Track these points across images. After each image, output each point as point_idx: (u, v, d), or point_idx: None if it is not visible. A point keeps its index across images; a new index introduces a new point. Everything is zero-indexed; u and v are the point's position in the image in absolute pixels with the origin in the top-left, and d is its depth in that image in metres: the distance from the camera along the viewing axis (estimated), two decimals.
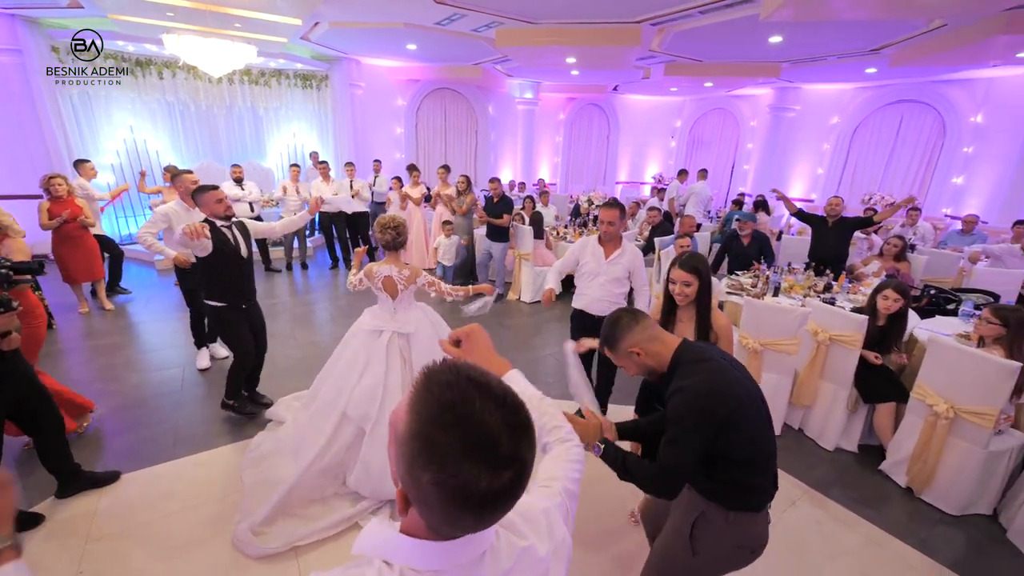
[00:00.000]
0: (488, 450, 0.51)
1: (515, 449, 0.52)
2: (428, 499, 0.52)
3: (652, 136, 12.28)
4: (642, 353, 1.35)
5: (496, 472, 0.51)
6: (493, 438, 0.51)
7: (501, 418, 0.52)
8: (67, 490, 2.45)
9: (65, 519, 2.33)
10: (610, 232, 2.78)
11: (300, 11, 5.32)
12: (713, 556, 1.37)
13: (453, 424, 0.51)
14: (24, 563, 0.72)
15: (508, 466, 0.52)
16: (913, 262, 4.64)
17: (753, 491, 1.32)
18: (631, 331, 1.36)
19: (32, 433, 2.36)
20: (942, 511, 2.60)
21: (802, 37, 5.75)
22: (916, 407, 2.70)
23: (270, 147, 8.60)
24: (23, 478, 2.56)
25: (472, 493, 0.50)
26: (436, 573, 0.57)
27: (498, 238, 5.70)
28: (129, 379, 3.59)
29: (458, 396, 0.52)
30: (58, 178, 4.50)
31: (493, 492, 0.51)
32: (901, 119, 8.23)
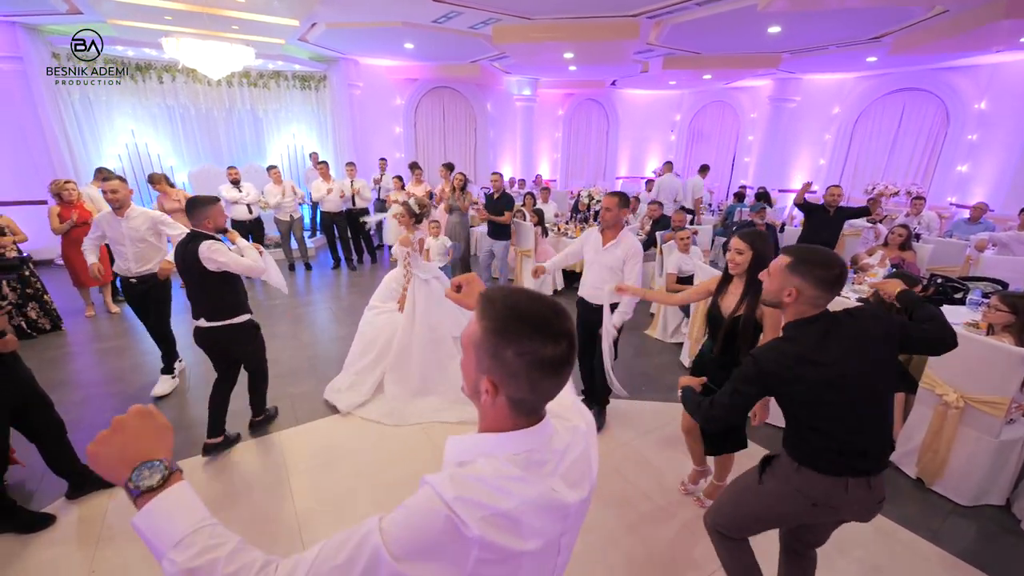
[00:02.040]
0: (546, 327, 0.71)
1: (562, 326, 0.72)
2: (514, 369, 0.71)
3: (652, 130, 12.23)
4: (792, 300, 1.42)
5: (556, 342, 0.71)
6: (547, 319, 0.72)
7: (546, 306, 0.73)
8: (78, 491, 2.46)
9: (76, 520, 2.35)
10: (607, 218, 2.80)
11: (297, 12, 5.31)
12: (776, 490, 1.53)
13: (518, 316, 0.71)
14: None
15: (562, 338, 0.72)
16: (919, 251, 4.61)
17: (821, 454, 1.43)
18: (813, 284, 1.38)
19: (32, 438, 2.36)
20: (954, 502, 2.58)
21: (801, 26, 5.71)
22: (925, 397, 2.67)
23: (270, 149, 8.61)
24: (35, 479, 2.57)
25: (543, 358, 0.70)
26: (529, 452, 0.74)
27: (499, 236, 5.68)
28: (135, 381, 3.60)
29: (514, 299, 0.73)
30: (71, 183, 4.60)
31: (556, 357, 0.71)
32: (903, 108, 8.16)
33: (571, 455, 0.79)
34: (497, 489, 0.70)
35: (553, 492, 0.74)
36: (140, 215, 3.29)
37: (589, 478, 0.82)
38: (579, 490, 0.78)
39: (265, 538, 2.28)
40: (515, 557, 0.69)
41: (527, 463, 0.74)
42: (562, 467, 0.77)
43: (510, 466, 0.72)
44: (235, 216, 6.17)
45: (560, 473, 0.76)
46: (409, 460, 2.84)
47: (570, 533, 0.81)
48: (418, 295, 3.41)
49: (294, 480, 2.65)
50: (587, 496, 0.81)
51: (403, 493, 0.76)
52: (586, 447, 0.83)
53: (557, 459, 0.77)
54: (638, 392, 3.59)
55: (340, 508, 2.47)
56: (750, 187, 9.39)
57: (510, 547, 0.68)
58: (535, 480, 0.73)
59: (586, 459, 0.82)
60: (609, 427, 3.20)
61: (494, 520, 0.67)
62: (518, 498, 0.70)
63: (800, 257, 1.40)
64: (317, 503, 2.49)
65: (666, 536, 2.35)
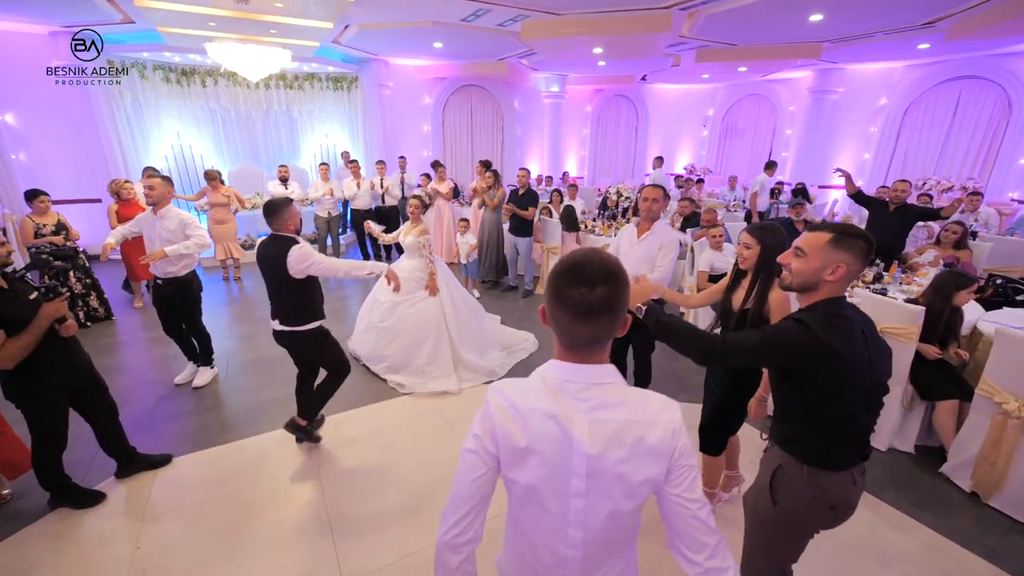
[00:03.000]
0: (577, 275, 0.83)
1: (594, 279, 0.82)
2: (552, 311, 0.87)
3: (683, 126, 11.91)
4: (835, 278, 1.33)
5: (579, 287, 0.82)
6: (581, 271, 0.83)
7: (585, 258, 0.85)
8: (125, 471, 2.62)
9: (124, 498, 2.49)
10: (654, 210, 2.76)
11: (331, 15, 5.45)
12: (793, 507, 1.42)
13: (562, 268, 0.86)
14: None
15: (591, 286, 0.82)
16: (975, 250, 4.30)
17: (831, 447, 1.37)
18: (856, 256, 1.32)
19: (88, 418, 2.51)
20: (1013, 518, 2.39)
21: (846, 13, 5.40)
22: (982, 405, 2.49)
23: (304, 148, 8.90)
24: (88, 459, 2.75)
25: (565, 296, 0.83)
26: (565, 381, 0.89)
27: (522, 232, 5.66)
28: (179, 370, 3.79)
29: (570, 256, 0.88)
30: (129, 183, 4.89)
31: (577, 300, 0.82)
32: (959, 97, 7.62)
33: (605, 415, 0.88)
34: (521, 390, 0.91)
35: (565, 418, 0.87)
36: (173, 216, 3.34)
37: (625, 450, 0.87)
38: (596, 445, 0.86)
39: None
40: (521, 455, 0.89)
41: (557, 386, 0.89)
42: (590, 413, 0.87)
43: (540, 382, 0.91)
44: None
45: (583, 411, 0.87)
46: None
47: (587, 500, 0.89)
48: (443, 277, 3.91)
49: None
50: (620, 461, 0.87)
51: None
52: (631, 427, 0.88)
53: (587, 403, 0.88)
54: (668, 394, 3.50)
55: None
56: (787, 183, 9.01)
57: (512, 437, 0.88)
58: (553, 400, 0.88)
59: (626, 433, 0.87)
60: None
61: (506, 409, 0.90)
62: (532, 403, 0.89)
63: (839, 231, 1.34)
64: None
65: None
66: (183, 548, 2.20)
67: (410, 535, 2.26)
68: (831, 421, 1.34)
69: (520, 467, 0.89)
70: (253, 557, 2.16)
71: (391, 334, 3.77)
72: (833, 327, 1.29)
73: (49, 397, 2.23)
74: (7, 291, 2.09)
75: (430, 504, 2.46)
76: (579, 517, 0.90)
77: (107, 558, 2.14)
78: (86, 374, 2.43)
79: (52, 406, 2.25)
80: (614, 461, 0.86)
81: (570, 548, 0.92)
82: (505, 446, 0.89)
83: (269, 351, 4.22)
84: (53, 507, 2.39)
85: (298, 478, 2.66)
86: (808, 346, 1.28)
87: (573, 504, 0.89)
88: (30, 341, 2.07)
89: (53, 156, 6.65)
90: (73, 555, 2.16)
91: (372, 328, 3.89)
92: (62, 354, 2.27)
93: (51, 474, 2.34)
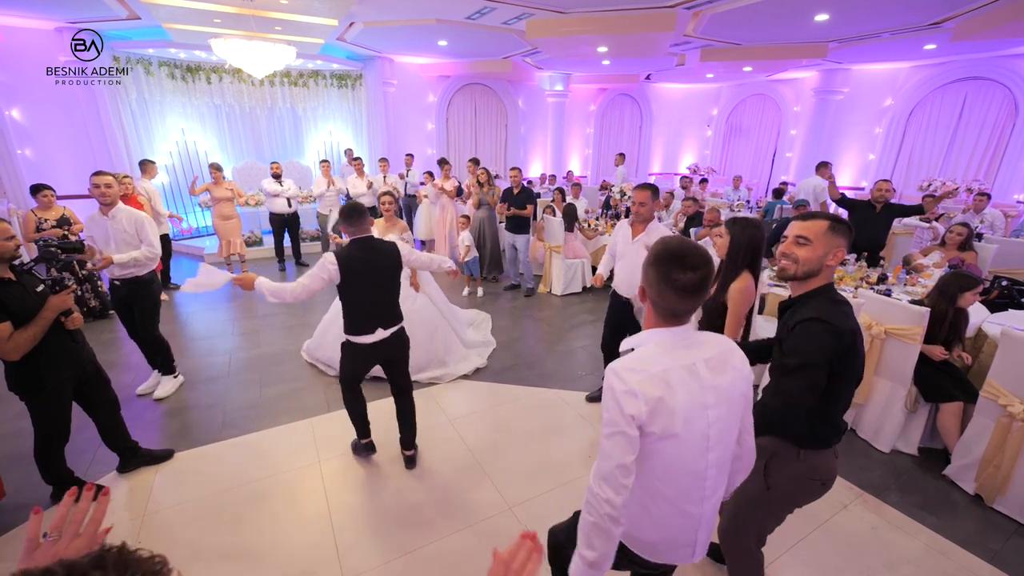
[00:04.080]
0: (681, 262, 1.05)
1: (693, 261, 1.04)
2: (659, 289, 1.08)
3: (687, 125, 11.88)
4: (835, 261, 1.40)
5: (685, 272, 1.04)
6: (683, 256, 1.05)
7: (686, 247, 1.07)
8: (127, 465, 2.63)
9: (125, 492, 2.50)
10: (643, 212, 2.84)
11: (336, 12, 5.45)
12: (786, 489, 1.51)
13: (667, 256, 1.07)
14: None
15: (693, 270, 1.04)
16: (980, 252, 4.27)
17: (825, 428, 1.44)
18: (847, 242, 1.40)
19: (90, 411, 2.52)
20: (1018, 521, 2.38)
21: (851, 13, 5.38)
22: (986, 407, 2.47)
23: (308, 145, 8.91)
24: (91, 452, 2.76)
25: (674, 280, 1.05)
26: (676, 341, 1.10)
27: (519, 230, 5.64)
28: (181, 364, 3.80)
29: (668, 241, 1.11)
30: (128, 177, 4.89)
31: (685, 282, 1.05)
32: (965, 98, 7.58)
33: (709, 352, 1.13)
34: (645, 361, 1.07)
35: (693, 365, 1.09)
36: (125, 214, 3.12)
37: (730, 372, 1.13)
38: (719, 376, 1.11)
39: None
40: (666, 409, 1.04)
41: (672, 345, 1.10)
42: (702, 355, 1.11)
43: (655, 348, 1.10)
44: (274, 209, 6.42)
45: (697, 358, 1.10)
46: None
47: (719, 407, 1.10)
48: (422, 274, 3.92)
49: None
50: (731, 382, 1.12)
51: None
52: (724, 355, 1.14)
53: (697, 349, 1.12)
54: None
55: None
56: (791, 183, 8.97)
57: (657, 397, 1.03)
58: (673, 357, 1.09)
59: (725, 361, 1.13)
60: None
61: (647, 379, 1.04)
62: (664, 364, 1.07)
63: (832, 218, 1.42)
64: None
65: None
66: (184, 542, 2.20)
67: (411, 532, 2.26)
68: (835, 402, 1.40)
69: (662, 420, 1.05)
70: (254, 552, 2.16)
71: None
72: (844, 313, 1.36)
73: (53, 389, 2.24)
74: (15, 284, 2.10)
75: (430, 501, 2.46)
76: (715, 440, 1.11)
77: None
78: (90, 367, 2.44)
79: (56, 398, 2.26)
80: (727, 384, 1.12)
81: (709, 472, 1.12)
82: (655, 413, 1.04)
83: (271, 347, 4.23)
84: (55, 500, 2.40)
85: (299, 474, 2.66)
86: (842, 340, 1.32)
87: (711, 431, 1.10)
88: (37, 333, 2.08)
89: (58, 151, 6.67)
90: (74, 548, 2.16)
91: None
92: (67, 347, 2.28)
93: (54, 467, 2.35)
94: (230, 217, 5.95)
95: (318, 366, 3.85)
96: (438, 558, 2.14)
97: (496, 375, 3.81)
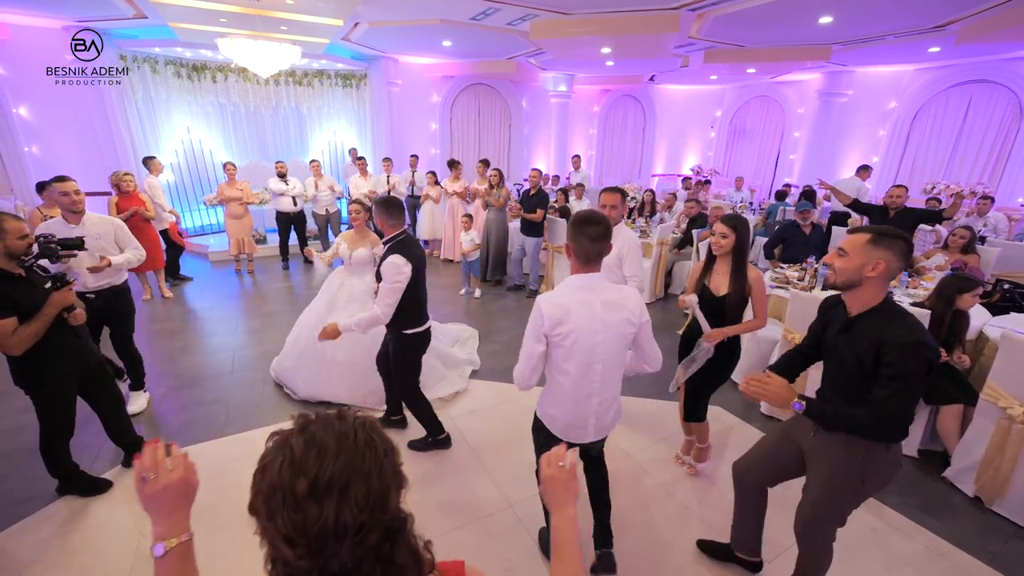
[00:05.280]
0: (589, 220, 1.63)
1: (598, 220, 1.63)
2: (578, 240, 1.63)
3: (690, 126, 11.88)
4: (875, 275, 1.47)
5: (591, 226, 1.62)
6: (590, 217, 1.64)
7: (594, 214, 1.65)
8: (131, 460, 2.64)
9: (130, 486, 2.52)
10: (612, 216, 2.69)
11: (341, 12, 5.48)
12: (877, 479, 1.62)
13: (580, 219, 1.64)
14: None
15: (597, 224, 1.62)
16: (983, 255, 4.27)
17: (907, 425, 1.53)
18: (896, 256, 1.46)
19: (95, 407, 2.54)
20: (1017, 524, 2.38)
21: (855, 16, 5.38)
22: (986, 410, 2.48)
23: (312, 144, 8.95)
24: (96, 448, 2.79)
25: (586, 232, 1.62)
26: (583, 283, 1.66)
27: (532, 232, 5.68)
28: (185, 361, 3.83)
29: (579, 214, 1.68)
30: (129, 175, 4.88)
31: (592, 232, 1.61)
32: (969, 101, 7.56)
33: (607, 296, 1.66)
34: (560, 294, 1.65)
35: (591, 302, 1.63)
36: (100, 222, 3.00)
37: (622, 312, 1.66)
38: (611, 314, 1.64)
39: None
40: (566, 328, 1.60)
41: (579, 286, 1.65)
42: (600, 297, 1.65)
43: (567, 287, 1.67)
44: (280, 208, 6.45)
45: (596, 296, 1.65)
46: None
47: (606, 333, 1.65)
48: (342, 293, 3.24)
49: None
50: (619, 320, 1.65)
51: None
52: (623, 302, 1.68)
53: (598, 293, 1.65)
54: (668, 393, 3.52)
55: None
56: (795, 185, 8.96)
57: (560, 320, 1.60)
58: (579, 295, 1.64)
59: (620, 305, 1.67)
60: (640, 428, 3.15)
61: (554, 306, 1.61)
62: (566, 299, 1.63)
63: (878, 232, 1.49)
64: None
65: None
66: None
67: None
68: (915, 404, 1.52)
69: (564, 335, 1.61)
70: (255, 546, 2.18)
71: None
72: (919, 327, 1.45)
73: (58, 384, 2.26)
74: (24, 279, 2.13)
75: (431, 497, 2.48)
76: (600, 356, 1.66)
77: (113, 544, 2.18)
78: (94, 362, 2.47)
79: (59, 393, 2.28)
80: (616, 323, 1.65)
81: (595, 377, 1.69)
82: (555, 326, 1.61)
83: (275, 345, 4.24)
84: (61, 494, 2.43)
85: None
86: (934, 355, 1.43)
87: (597, 349, 1.65)
88: (39, 328, 2.11)
89: (65, 149, 6.73)
90: (80, 540, 2.20)
91: (359, 365, 3.18)
92: (70, 342, 2.30)
93: (59, 461, 2.38)
94: (240, 216, 5.99)
95: (284, 388, 3.43)
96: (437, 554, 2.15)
97: (497, 374, 3.82)
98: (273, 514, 0.56)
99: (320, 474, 0.56)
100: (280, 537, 0.56)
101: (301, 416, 0.64)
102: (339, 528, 0.56)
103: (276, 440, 0.62)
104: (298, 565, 0.57)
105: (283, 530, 0.56)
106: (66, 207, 2.85)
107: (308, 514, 0.55)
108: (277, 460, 0.58)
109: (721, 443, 2.99)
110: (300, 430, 0.61)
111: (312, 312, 3.38)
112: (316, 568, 0.58)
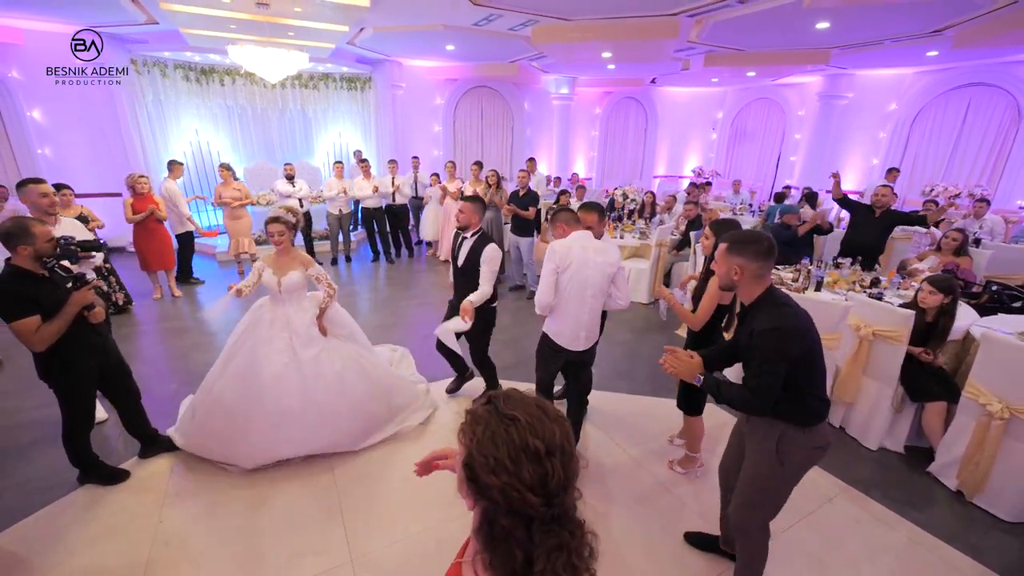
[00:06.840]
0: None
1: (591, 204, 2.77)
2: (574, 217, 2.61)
3: (692, 128, 11.96)
4: (740, 277, 1.63)
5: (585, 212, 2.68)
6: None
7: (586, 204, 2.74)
8: (147, 452, 2.78)
9: (147, 476, 2.65)
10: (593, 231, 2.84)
11: (347, 19, 5.60)
12: (797, 462, 1.70)
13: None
14: None
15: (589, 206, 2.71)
16: (976, 257, 4.34)
17: (817, 403, 1.66)
18: (751, 258, 1.60)
19: (113, 401, 2.67)
20: (996, 517, 2.47)
21: (852, 22, 5.46)
22: (968, 407, 2.57)
23: (318, 146, 9.09)
24: (114, 440, 2.92)
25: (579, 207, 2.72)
26: (578, 238, 2.51)
27: (523, 233, 5.72)
28: (195, 358, 3.96)
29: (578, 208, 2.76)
30: (144, 178, 5.07)
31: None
32: (968, 104, 7.62)
33: (597, 247, 2.46)
34: (566, 244, 2.46)
35: (585, 248, 2.44)
36: (71, 226, 2.98)
37: (607, 256, 2.45)
38: (599, 257, 2.43)
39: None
40: (569, 265, 2.41)
41: (577, 239, 2.47)
42: (592, 246, 2.45)
43: (570, 240, 2.48)
44: None
45: (591, 247, 2.45)
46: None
47: (594, 269, 2.42)
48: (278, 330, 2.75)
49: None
50: (604, 262, 2.44)
51: None
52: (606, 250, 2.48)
53: (590, 243, 2.46)
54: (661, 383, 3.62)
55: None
56: (795, 187, 9.03)
57: (565, 259, 2.42)
58: (579, 244, 2.45)
59: (606, 251, 2.47)
60: (640, 425, 3.26)
61: (561, 248, 2.44)
62: (569, 245, 2.45)
63: (734, 239, 1.65)
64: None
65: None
66: (201, 524, 2.35)
67: (415, 517, 2.41)
68: (818, 379, 1.64)
69: (567, 268, 2.40)
70: (267, 532, 2.30)
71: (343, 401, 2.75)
72: (785, 314, 1.58)
73: (80, 379, 2.39)
74: (47, 279, 2.25)
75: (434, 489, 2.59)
76: (590, 285, 2.43)
77: (133, 529, 2.30)
78: (114, 359, 2.59)
79: (79, 387, 2.40)
80: (601, 264, 2.42)
81: (587, 300, 2.45)
82: (562, 263, 2.40)
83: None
84: (82, 483, 2.56)
85: (310, 461, 2.79)
86: (794, 339, 1.55)
87: (588, 281, 2.42)
88: (60, 326, 2.22)
89: (76, 151, 6.89)
90: (102, 525, 2.32)
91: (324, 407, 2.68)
92: (91, 340, 2.42)
93: (80, 452, 2.50)
94: (239, 217, 6.12)
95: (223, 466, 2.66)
96: (438, 543, 2.27)
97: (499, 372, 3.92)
98: (520, 469, 0.68)
99: (550, 438, 0.71)
100: (526, 487, 0.68)
101: (503, 393, 0.80)
102: (567, 480, 0.71)
103: (488, 411, 0.76)
104: (532, 513, 0.69)
105: (528, 481, 0.68)
106: (44, 208, 2.85)
107: (547, 468, 0.69)
108: (511, 428, 0.71)
109: (717, 439, 3.09)
110: (508, 405, 0.76)
111: (242, 362, 2.65)
112: (546, 515, 0.70)
